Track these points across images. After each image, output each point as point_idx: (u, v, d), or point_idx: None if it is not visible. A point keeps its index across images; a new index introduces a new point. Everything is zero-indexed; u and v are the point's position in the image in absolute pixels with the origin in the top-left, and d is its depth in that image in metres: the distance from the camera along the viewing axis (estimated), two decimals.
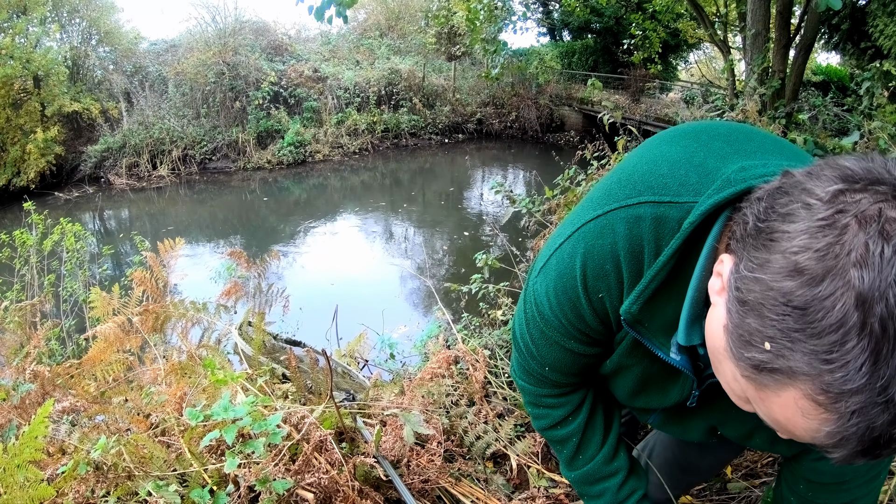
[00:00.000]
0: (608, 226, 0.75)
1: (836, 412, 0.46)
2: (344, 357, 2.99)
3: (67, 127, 15.10)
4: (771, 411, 0.52)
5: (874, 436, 0.46)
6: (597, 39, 22.61)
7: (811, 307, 0.45)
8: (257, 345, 2.27)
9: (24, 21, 14.04)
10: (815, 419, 0.48)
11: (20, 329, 2.75)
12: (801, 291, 0.46)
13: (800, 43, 5.38)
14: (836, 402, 0.45)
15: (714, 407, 0.88)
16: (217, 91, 15.88)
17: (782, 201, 0.51)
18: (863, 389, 0.44)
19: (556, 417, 1.02)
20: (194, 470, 1.23)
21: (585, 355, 0.89)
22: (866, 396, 0.44)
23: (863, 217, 0.45)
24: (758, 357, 0.50)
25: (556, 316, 0.85)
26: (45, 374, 1.73)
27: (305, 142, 16.53)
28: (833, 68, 17.46)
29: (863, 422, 0.45)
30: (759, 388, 0.52)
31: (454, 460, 1.64)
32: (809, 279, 0.45)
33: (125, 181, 14.67)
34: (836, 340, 0.44)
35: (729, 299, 0.54)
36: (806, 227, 0.47)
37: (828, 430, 0.47)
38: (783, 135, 2.59)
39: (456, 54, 18.02)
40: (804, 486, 0.94)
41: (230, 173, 15.62)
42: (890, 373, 0.43)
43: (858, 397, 0.44)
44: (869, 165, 0.48)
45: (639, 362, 0.87)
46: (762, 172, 0.65)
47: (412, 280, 7.77)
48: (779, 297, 0.47)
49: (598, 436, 1.04)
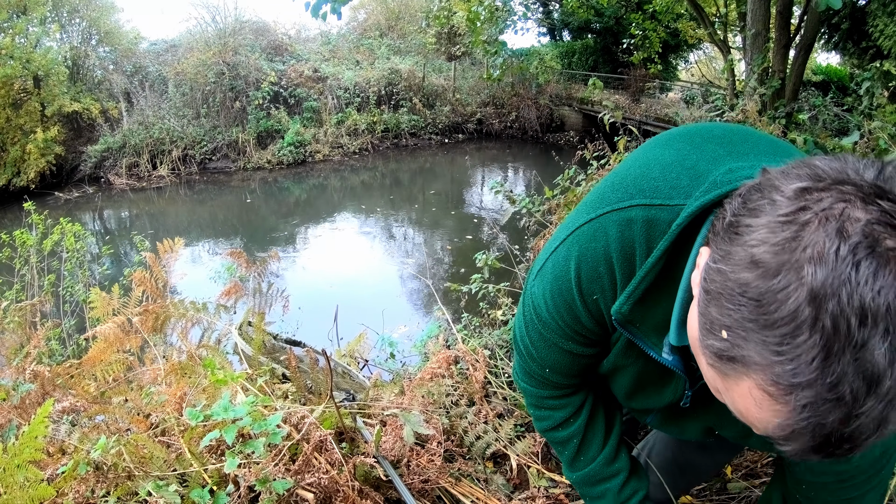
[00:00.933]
0: (601, 229, 0.77)
1: (787, 405, 0.46)
2: (344, 357, 2.99)
3: (67, 127, 15.10)
4: (733, 401, 0.53)
5: (825, 433, 0.46)
6: (597, 39, 22.61)
7: (765, 299, 0.46)
8: (257, 345, 2.27)
9: (24, 21, 14.04)
10: (767, 410, 0.48)
11: (20, 329, 2.75)
12: (756, 283, 0.47)
13: (800, 43, 5.38)
14: (787, 395, 0.46)
15: (709, 408, 0.89)
16: (217, 91, 15.89)
17: (754, 197, 0.52)
18: (813, 384, 0.44)
19: (557, 419, 1.04)
20: (194, 470, 1.23)
21: (583, 356, 0.91)
22: (816, 392, 0.44)
23: (824, 215, 0.45)
24: (717, 345, 0.51)
25: (552, 318, 0.86)
26: (45, 374, 1.73)
27: (305, 142, 16.53)
28: (833, 68, 17.46)
29: (813, 417, 0.45)
30: (722, 378, 0.53)
31: (454, 460, 1.64)
32: (765, 272, 0.46)
33: (125, 181, 14.67)
34: (788, 333, 0.44)
35: (699, 289, 0.56)
36: (767, 222, 0.48)
37: (779, 423, 0.48)
38: (783, 135, 2.59)
39: (456, 54, 18.02)
40: (806, 487, 0.93)
41: (230, 173, 15.63)
42: (840, 370, 0.43)
43: (808, 392, 0.45)
44: (839, 166, 0.49)
45: (634, 362, 0.88)
46: (750, 174, 0.65)
47: (412, 280, 7.77)
48: (736, 287, 0.48)
49: (599, 437, 1.05)
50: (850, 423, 0.45)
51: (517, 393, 2.32)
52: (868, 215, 0.44)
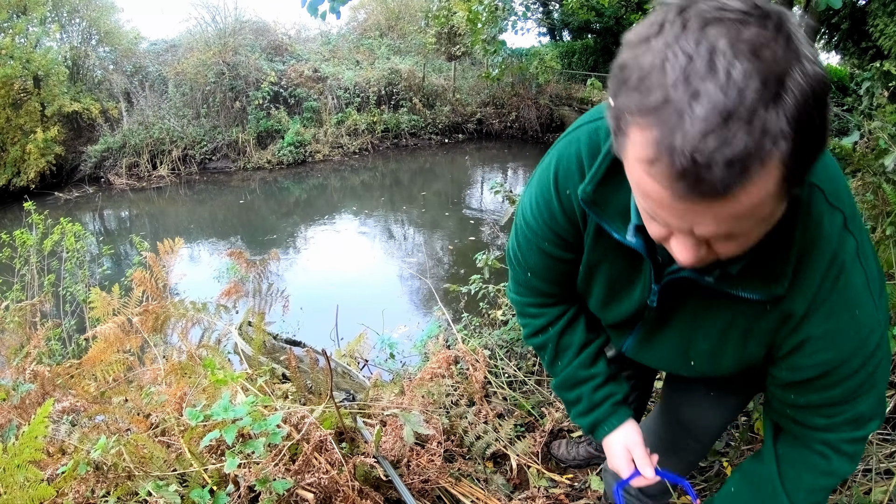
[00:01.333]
0: (575, 138, 0.92)
1: (649, 139, 0.55)
2: (344, 357, 2.99)
3: (67, 127, 15.09)
4: (633, 176, 0.62)
5: (691, 148, 0.52)
6: (597, 39, 22.60)
7: (626, 63, 0.58)
8: (257, 345, 2.27)
9: (24, 21, 14.04)
10: (642, 147, 0.56)
11: (20, 329, 2.75)
12: (623, 55, 0.59)
13: None
14: (648, 130, 0.55)
15: (679, 318, 0.95)
16: (217, 91, 15.88)
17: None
18: (663, 111, 0.53)
19: (535, 326, 1.16)
20: (194, 470, 1.23)
21: (561, 260, 1.02)
22: (665, 118, 0.53)
23: (678, 9, 0.56)
24: (611, 120, 0.62)
25: (535, 218, 0.99)
26: (45, 374, 1.73)
27: (305, 142, 16.52)
28: (833, 68, 17.45)
29: (665, 141, 0.53)
30: (624, 156, 0.62)
31: (454, 460, 1.64)
32: (629, 46, 0.59)
33: (125, 181, 14.67)
34: (642, 77, 0.56)
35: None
36: (643, 21, 0.60)
37: (652, 145, 0.55)
38: None
39: (456, 54, 18.01)
40: (794, 395, 0.91)
41: (230, 173, 15.62)
42: (679, 98, 0.52)
43: (659, 118, 0.54)
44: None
45: (604, 257, 0.96)
46: None
47: (412, 280, 7.77)
48: (615, 66, 0.60)
49: (574, 345, 1.15)
50: (697, 142, 0.52)
51: (517, 393, 2.32)
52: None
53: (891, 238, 1.78)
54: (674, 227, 0.64)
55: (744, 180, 0.53)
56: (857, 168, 2.36)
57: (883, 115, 2.85)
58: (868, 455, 1.46)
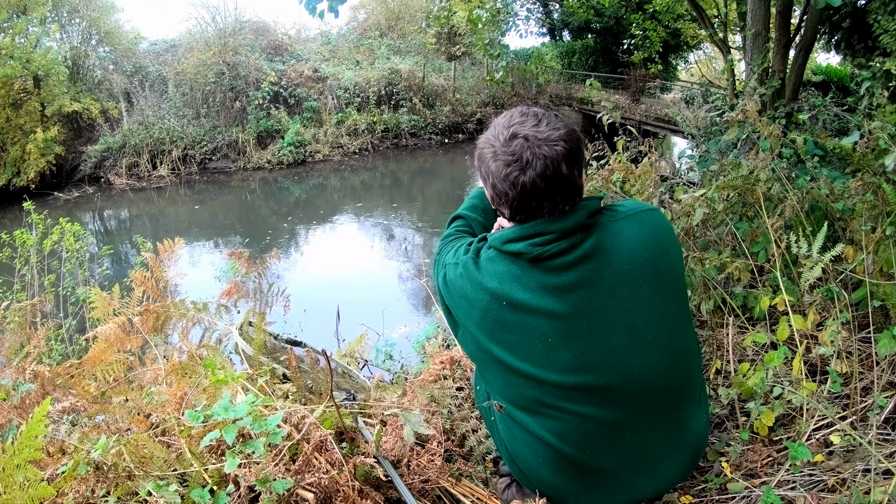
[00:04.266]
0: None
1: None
2: (344, 357, 2.99)
3: (67, 127, 15.10)
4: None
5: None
6: (597, 39, 22.60)
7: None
8: (258, 345, 2.27)
9: (24, 21, 14.04)
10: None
11: (20, 329, 2.74)
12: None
13: (800, 43, 5.37)
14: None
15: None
16: (217, 91, 15.88)
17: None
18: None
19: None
20: (194, 470, 1.23)
21: None
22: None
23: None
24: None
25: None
26: (45, 374, 1.73)
27: (305, 142, 16.52)
28: (833, 68, 17.45)
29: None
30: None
31: (454, 460, 1.64)
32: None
33: (125, 181, 14.67)
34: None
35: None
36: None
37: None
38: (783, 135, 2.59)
39: (456, 54, 18.01)
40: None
41: (230, 173, 15.62)
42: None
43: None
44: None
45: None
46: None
47: (413, 280, 7.77)
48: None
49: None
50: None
51: None
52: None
53: (891, 238, 1.78)
54: None
55: None
56: (857, 168, 2.36)
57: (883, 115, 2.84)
58: (868, 455, 1.46)
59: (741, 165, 2.38)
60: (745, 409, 1.70)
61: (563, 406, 1.10)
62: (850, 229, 2.07)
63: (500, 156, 1.05)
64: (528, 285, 1.06)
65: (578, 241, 1.05)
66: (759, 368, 1.68)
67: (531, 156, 1.02)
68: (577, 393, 1.08)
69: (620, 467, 1.16)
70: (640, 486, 1.20)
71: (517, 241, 1.06)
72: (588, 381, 1.07)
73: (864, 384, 1.66)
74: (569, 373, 1.06)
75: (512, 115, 1.10)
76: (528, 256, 1.05)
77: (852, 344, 1.72)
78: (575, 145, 1.04)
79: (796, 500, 1.34)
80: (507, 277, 1.07)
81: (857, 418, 1.55)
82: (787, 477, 1.43)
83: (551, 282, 1.05)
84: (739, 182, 2.19)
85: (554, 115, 1.09)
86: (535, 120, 1.06)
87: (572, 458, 1.14)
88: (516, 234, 1.07)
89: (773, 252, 1.95)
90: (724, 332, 2.01)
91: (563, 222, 1.04)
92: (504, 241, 1.08)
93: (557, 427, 1.12)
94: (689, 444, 1.22)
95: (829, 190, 2.25)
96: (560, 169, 1.02)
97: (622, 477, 1.18)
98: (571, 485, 1.19)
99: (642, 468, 1.17)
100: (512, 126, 1.06)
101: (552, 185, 1.02)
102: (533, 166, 1.01)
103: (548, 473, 1.19)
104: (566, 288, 1.04)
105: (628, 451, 1.14)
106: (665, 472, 1.21)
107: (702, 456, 1.41)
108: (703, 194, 2.18)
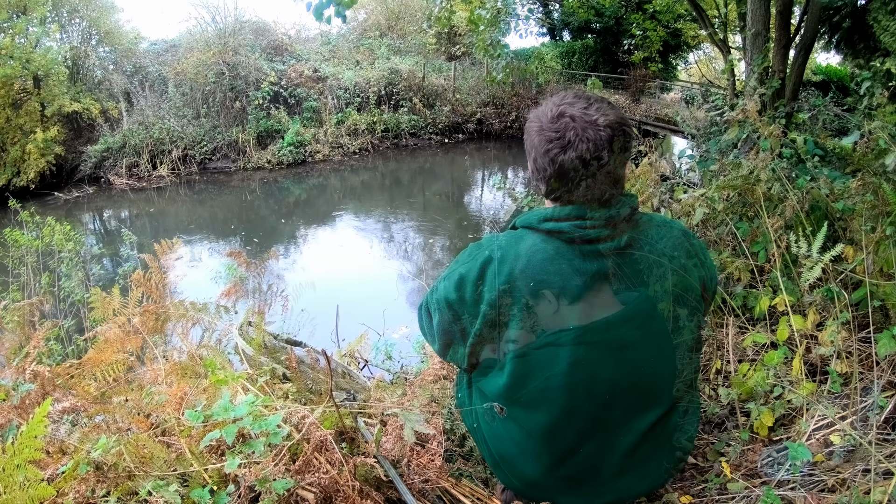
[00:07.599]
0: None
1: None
2: (344, 357, 2.99)
3: (67, 127, 15.08)
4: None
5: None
6: (597, 39, 22.59)
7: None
8: (258, 345, 2.27)
9: (24, 21, 14.03)
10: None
11: (20, 329, 2.74)
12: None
13: (800, 43, 5.38)
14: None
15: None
16: (217, 91, 15.87)
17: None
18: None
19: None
20: (195, 470, 1.23)
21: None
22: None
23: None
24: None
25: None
26: (45, 374, 1.73)
27: (305, 142, 16.51)
28: (833, 68, 17.44)
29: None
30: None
31: (454, 460, 1.64)
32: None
33: (125, 181, 14.66)
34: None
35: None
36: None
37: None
38: (783, 135, 2.60)
39: (456, 54, 18.00)
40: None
41: (230, 173, 15.62)
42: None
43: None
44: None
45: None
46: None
47: (413, 280, 7.77)
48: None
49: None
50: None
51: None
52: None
53: (891, 238, 1.78)
54: None
55: None
56: (857, 168, 2.36)
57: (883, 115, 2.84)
58: (868, 455, 1.46)
59: (741, 165, 2.38)
60: (745, 409, 1.70)
61: (562, 400, 1.12)
62: (850, 229, 2.07)
63: (545, 131, 1.06)
64: (559, 266, 1.07)
65: (618, 232, 1.07)
66: (759, 368, 1.68)
67: (574, 136, 1.02)
68: (578, 384, 1.10)
69: (606, 466, 1.17)
70: (626, 485, 1.21)
71: (560, 221, 1.07)
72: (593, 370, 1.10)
73: (864, 384, 1.66)
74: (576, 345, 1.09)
75: (565, 95, 1.09)
76: (567, 237, 1.06)
77: (852, 344, 1.72)
78: (621, 134, 1.03)
79: (796, 500, 1.34)
80: (538, 252, 1.08)
81: (857, 418, 1.55)
82: (788, 477, 1.43)
83: (583, 266, 1.06)
84: (739, 182, 2.19)
85: (608, 102, 1.08)
86: (585, 102, 1.05)
87: (560, 454, 1.16)
88: (556, 215, 1.08)
89: (773, 252, 1.95)
90: (724, 332, 2.01)
91: (609, 211, 1.06)
92: (542, 219, 1.09)
93: (548, 420, 1.14)
94: (675, 444, 1.24)
95: (829, 190, 2.25)
96: (601, 155, 1.01)
97: (608, 475, 1.18)
98: (558, 483, 1.20)
99: (629, 467, 1.18)
100: (562, 105, 1.06)
101: (590, 169, 1.02)
102: (574, 146, 1.02)
103: (535, 471, 1.20)
104: (595, 275, 1.06)
105: (615, 450, 1.15)
106: (651, 471, 1.22)
107: (689, 456, 1.42)
108: (703, 194, 2.18)
